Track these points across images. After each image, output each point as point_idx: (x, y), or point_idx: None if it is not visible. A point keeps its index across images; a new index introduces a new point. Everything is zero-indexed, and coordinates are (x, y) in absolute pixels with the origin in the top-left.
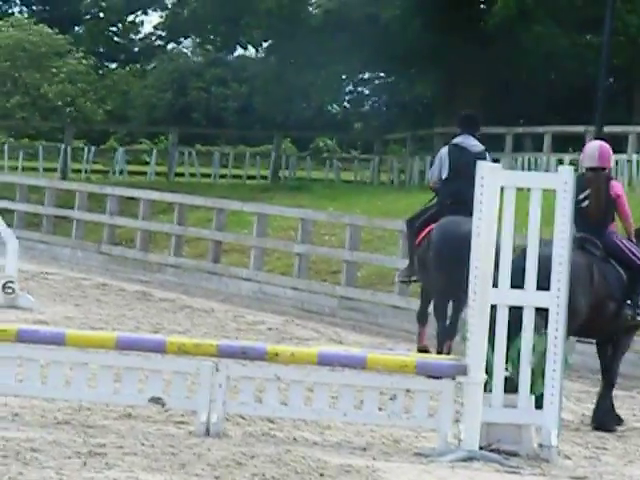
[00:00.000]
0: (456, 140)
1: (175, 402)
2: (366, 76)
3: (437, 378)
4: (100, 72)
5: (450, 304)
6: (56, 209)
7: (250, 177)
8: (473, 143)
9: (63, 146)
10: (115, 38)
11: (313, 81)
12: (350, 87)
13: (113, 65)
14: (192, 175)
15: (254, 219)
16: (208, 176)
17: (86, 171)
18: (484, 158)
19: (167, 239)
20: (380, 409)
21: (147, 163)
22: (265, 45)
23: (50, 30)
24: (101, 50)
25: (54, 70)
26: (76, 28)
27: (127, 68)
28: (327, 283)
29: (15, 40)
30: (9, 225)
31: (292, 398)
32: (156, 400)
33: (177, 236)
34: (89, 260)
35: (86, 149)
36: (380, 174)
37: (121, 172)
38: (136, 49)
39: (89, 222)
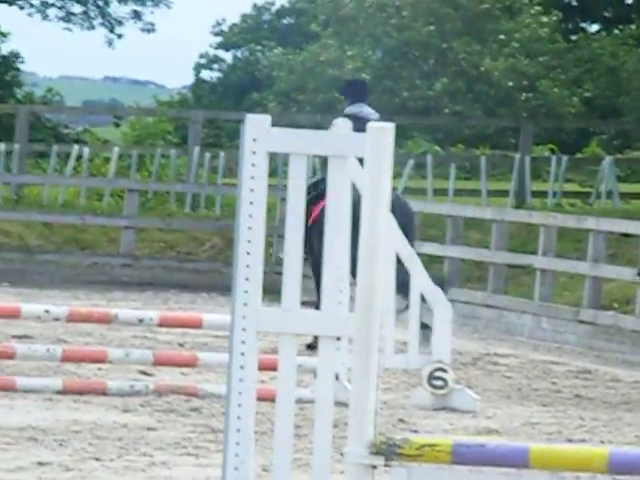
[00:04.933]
0: (350, 109)
1: None
2: None
3: None
4: (572, 38)
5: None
6: (509, 254)
7: None
8: (370, 111)
9: (518, 155)
10: None
11: None
12: None
13: (593, 27)
14: None
15: None
16: None
17: (555, 194)
18: None
19: None
20: None
21: None
22: None
23: None
24: (573, 3)
25: (501, 37)
26: None
27: (615, 31)
28: None
29: None
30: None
31: None
32: None
33: None
34: (562, 333)
35: (554, 159)
36: None
37: (610, 194)
38: None
39: (551, 272)
